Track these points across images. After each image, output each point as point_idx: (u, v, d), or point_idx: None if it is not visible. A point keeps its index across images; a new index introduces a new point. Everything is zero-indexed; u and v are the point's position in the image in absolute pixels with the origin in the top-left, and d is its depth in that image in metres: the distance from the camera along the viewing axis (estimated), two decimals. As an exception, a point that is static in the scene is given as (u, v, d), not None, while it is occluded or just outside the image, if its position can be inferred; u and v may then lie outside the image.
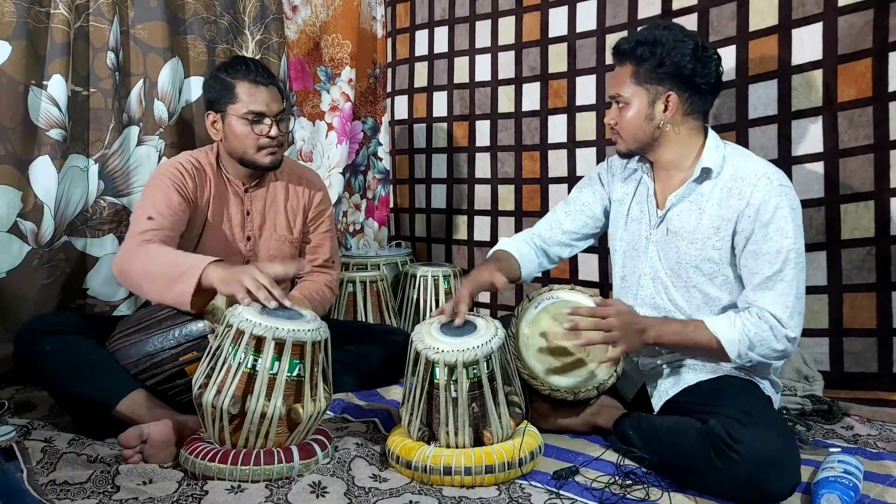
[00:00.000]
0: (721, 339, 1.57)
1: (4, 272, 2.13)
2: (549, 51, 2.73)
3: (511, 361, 1.60)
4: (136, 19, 2.36)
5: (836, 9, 2.05)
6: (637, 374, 1.78)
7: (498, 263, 1.82)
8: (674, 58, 1.60)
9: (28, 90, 2.12)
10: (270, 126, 1.91)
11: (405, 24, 3.19)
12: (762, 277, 1.56)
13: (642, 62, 1.63)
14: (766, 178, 1.57)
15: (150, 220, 1.80)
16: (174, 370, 1.69)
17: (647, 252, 1.75)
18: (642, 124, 1.66)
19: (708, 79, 1.63)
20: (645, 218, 1.77)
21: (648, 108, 1.65)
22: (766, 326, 1.54)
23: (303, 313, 1.57)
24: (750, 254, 1.58)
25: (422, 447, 1.50)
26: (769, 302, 1.55)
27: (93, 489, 1.40)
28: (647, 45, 1.62)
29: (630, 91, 1.66)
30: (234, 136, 1.92)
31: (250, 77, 1.90)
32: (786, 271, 1.54)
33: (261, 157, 1.93)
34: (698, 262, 1.66)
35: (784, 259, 1.54)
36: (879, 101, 1.99)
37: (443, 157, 3.10)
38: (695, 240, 1.66)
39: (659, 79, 1.63)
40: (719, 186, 1.64)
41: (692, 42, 1.61)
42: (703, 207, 1.65)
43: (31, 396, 1.94)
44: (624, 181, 1.84)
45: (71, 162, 2.24)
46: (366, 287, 2.70)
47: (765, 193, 1.56)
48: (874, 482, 1.47)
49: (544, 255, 1.95)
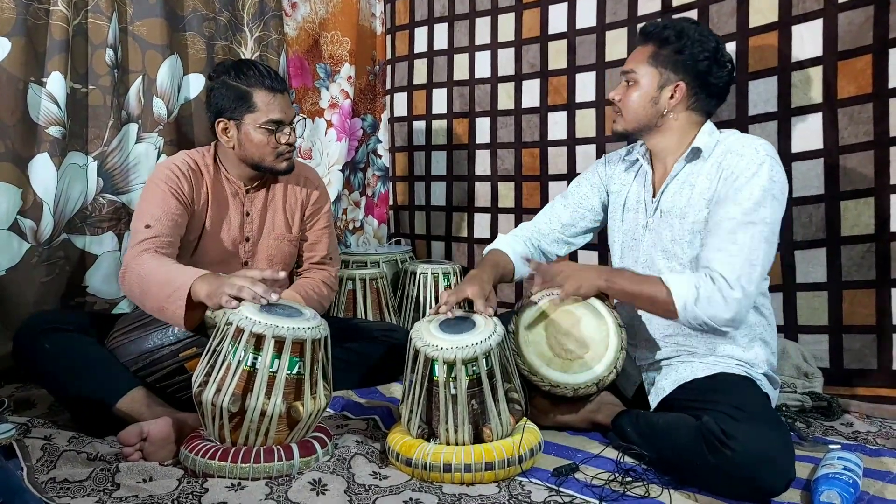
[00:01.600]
0: (671, 289, 1.57)
1: (4, 270, 2.13)
2: (549, 47, 2.73)
3: (510, 358, 1.60)
4: (135, 16, 2.36)
5: (837, 5, 2.04)
6: (636, 371, 1.78)
7: (495, 269, 1.82)
8: (694, 49, 1.65)
9: (28, 87, 2.12)
10: (290, 133, 1.90)
11: (404, 20, 3.18)
12: (719, 237, 1.56)
13: (665, 45, 1.67)
14: (752, 148, 1.60)
15: (148, 229, 1.78)
16: (174, 367, 1.69)
17: (644, 240, 1.76)
18: (646, 104, 1.69)
19: (719, 80, 1.67)
20: (642, 207, 1.78)
21: (656, 91, 1.68)
22: (714, 286, 1.54)
23: (302, 311, 1.57)
24: (715, 208, 1.60)
25: (422, 444, 1.50)
26: (717, 262, 1.55)
27: (93, 487, 1.40)
28: (673, 31, 1.67)
29: (644, 70, 1.69)
30: (251, 144, 1.89)
31: (266, 85, 1.86)
32: (738, 234, 1.54)
33: (278, 163, 1.93)
34: (690, 237, 1.67)
35: (745, 222, 1.54)
36: (879, 97, 1.99)
37: (442, 154, 3.10)
38: (686, 214, 1.67)
39: (675, 66, 1.67)
40: (710, 163, 1.66)
41: (715, 42, 1.66)
42: (694, 183, 1.67)
43: (31, 394, 1.94)
44: (623, 173, 1.86)
45: (70, 159, 2.24)
46: (365, 284, 2.70)
47: (748, 162, 1.58)
48: (874, 479, 1.47)
49: (541, 255, 1.95)
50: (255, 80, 1.86)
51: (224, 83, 1.88)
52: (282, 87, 1.90)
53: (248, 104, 1.86)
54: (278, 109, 1.87)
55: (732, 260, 1.54)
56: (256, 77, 1.87)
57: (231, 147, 1.92)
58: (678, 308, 1.56)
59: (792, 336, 2.15)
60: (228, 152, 1.95)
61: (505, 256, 1.89)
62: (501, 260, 1.88)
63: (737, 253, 1.54)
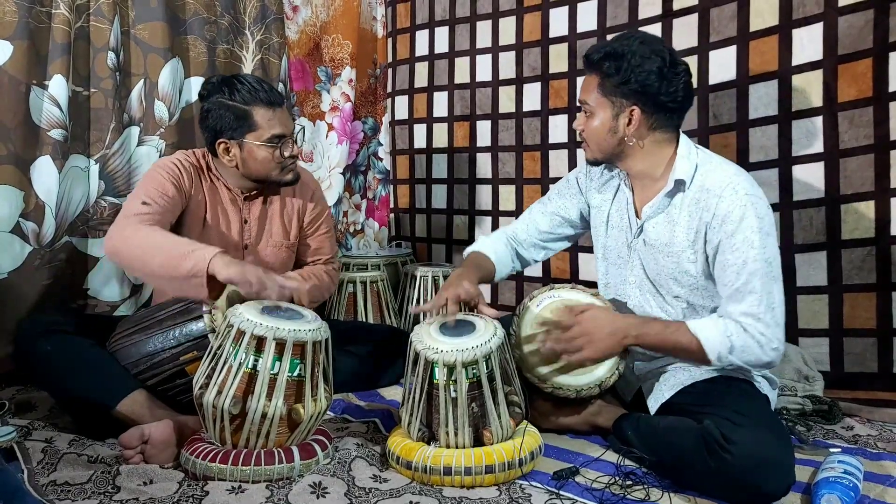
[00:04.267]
0: (702, 341, 1.54)
1: (6, 272, 2.13)
2: (550, 51, 2.73)
3: (511, 361, 1.60)
4: (137, 19, 2.36)
5: (837, 9, 2.05)
6: (633, 377, 1.77)
7: (477, 271, 1.81)
8: (639, 76, 1.57)
9: (30, 90, 2.13)
10: (292, 145, 1.90)
11: (405, 24, 3.19)
12: (732, 289, 1.54)
13: (609, 77, 1.61)
14: (731, 188, 1.55)
15: (146, 206, 1.79)
16: (174, 370, 1.69)
17: (632, 261, 1.75)
18: (606, 136, 1.65)
19: (674, 97, 1.60)
20: (625, 226, 1.76)
21: (612, 120, 1.63)
22: (746, 335, 1.51)
23: (303, 313, 1.58)
24: (719, 265, 1.57)
25: (422, 447, 1.50)
26: (742, 314, 1.52)
27: (93, 490, 1.40)
28: (613, 60, 1.59)
29: (596, 101, 1.64)
30: (255, 161, 1.89)
31: (264, 99, 1.85)
32: (753, 283, 1.51)
33: (284, 175, 1.94)
34: (676, 275, 1.66)
35: (750, 271, 1.51)
36: (880, 101, 1.99)
37: (443, 158, 3.10)
38: (670, 253, 1.65)
39: (624, 94, 1.60)
40: (689, 198, 1.62)
41: (659, 59, 1.57)
42: (676, 220, 1.64)
43: (32, 397, 1.94)
44: (602, 186, 1.83)
45: (72, 162, 2.24)
46: (366, 287, 2.70)
47: (729, 204, 1.54)
48: (874, 482, 1.47)
49: (517, 258, 1.95)
50: (252, 97, 1.85)
51: (220, 103, 1.86)
52: (279, 99, 1.89)
53: (248, 123, 1.85)
54: (279, 124, 1.87)
55: (755, 308, 1.51)
56: (252, 93, 1.85)
57: (234, 166, 1.92)
58: (712, 360, 1.54)
59: (792, 339, 2.15)
60: (229, 167, 1.95)
61: (485, 258, 1.88)
62: (483, 262, 1.87)
63: (756, 302, 1.51)
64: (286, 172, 1.93)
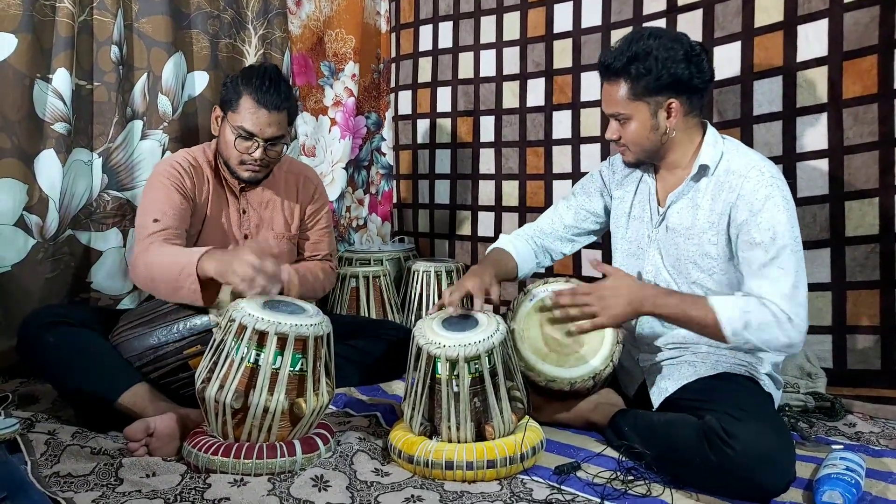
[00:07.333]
0: (718, 315, 1.53)
1: (10, 265, 2.13)
2: (554, 46, 2.72)
3: (513, 356, 1.60)
4: (140, 13, 2.36)
5: (842, 5, 2.04)
6: (637, 370, 1.78)
7: (496, 266, 1.81)
8: (669, 68, 1.58)
9: (34, 83, 2.13)
10: (256, 148, 1.90)
11: (409, 18, 3.19)
12: (758, 265, 1.54)
13: (640, 79, 1.60)
14: (756, 170, 1.58)
15: (157, 223, 1.83)
16: (177, 364, 1.70)
17: (650, 251, 1.75)
18: (649, 135, 1.65)
19: (703, 76, 1.62)
20: (647, 216, 1.77)
21: (652, 118, 1.64)
22: (768, 313, 1.51)
23: (305, 308, 1.58)
24: (744, 244, 1.57)
25: (424, 442, 1.50)
26: (767, 290, 1.52)
27: (96, 481, 1.40)
28: (640, 62, 1.59)
29: (628, 107, 1.63)
30: (223, 139, 1.94)
31: (256, 96, 1.87)
32: (781, 258, 1.52)
33: (240, 169, 1.94)
34: (696, 258, 1.66)
35: (779, 247, 1.52)
36: (885, 97, 1.98)
37: (446, 153, 3.10)
38: (692, 235, 1.66)
39: (658, 90, 1.61)
40: (713, 182, 1.64)
41: (682, 47, 1.59)
42: (699, 203, 1.66)
43: (35, 389, 1.95)
44: (625, 179, 1.84)
45: (75, 156, 2.24)
46: (368, 282, 2.71)
47: (755, 184, 1.56)
48: (876, 479, 1.47)
49: (544, 253, 1.95)
50: (251, 88, 1.88)
51: (234, 79, 1.94)
52: (272, 103, 1.87)
53: (235, 103, 1.90)
54: (253, 121, 1.87)
55: (781, 287, 1.51)
56: (255, 86, 1.88)
57: (216, 135, 1.99)
58: (727, 334, 1.53)
59: (795, 336, 2.15)
60: None
61: (507, 255, 1.89)
62: (503, 258, 1.88)
63: (782, 278, 1.51)
64: (244, 169, 1.94)
